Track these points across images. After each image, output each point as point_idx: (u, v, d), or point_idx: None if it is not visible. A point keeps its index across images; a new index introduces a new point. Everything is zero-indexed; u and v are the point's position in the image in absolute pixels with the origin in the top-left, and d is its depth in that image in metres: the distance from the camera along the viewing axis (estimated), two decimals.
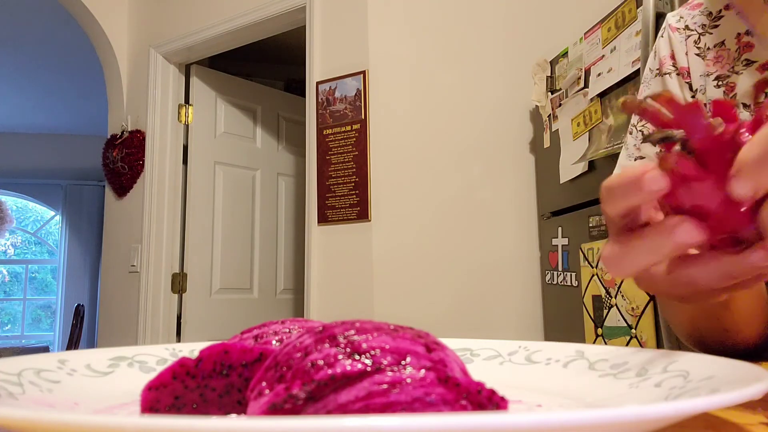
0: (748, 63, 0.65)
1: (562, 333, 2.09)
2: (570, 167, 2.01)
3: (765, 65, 0.64)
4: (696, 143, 0.30)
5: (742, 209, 0.30)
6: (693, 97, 0.69)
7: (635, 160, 0.71)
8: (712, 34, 0.68)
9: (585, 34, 2.00)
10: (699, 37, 0.69)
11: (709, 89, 0.67)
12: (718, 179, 0.30)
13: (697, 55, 0.69)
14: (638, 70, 1.65)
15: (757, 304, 0.56)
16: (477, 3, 2.46)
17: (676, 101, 0.31)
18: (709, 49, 0.68)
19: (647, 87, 0.73)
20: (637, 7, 1.70)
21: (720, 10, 0.68)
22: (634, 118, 0.73)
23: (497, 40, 2.46)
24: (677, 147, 0.31)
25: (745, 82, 0.65)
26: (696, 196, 0.31)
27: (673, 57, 0.71)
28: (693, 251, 0.34)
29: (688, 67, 0.70)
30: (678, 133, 0.31)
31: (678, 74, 0.70)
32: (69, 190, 6.74)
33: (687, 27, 0.71)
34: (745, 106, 0.64)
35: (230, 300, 3.17)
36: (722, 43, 0.67)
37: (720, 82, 0.66)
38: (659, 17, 1.55)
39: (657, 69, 0.72)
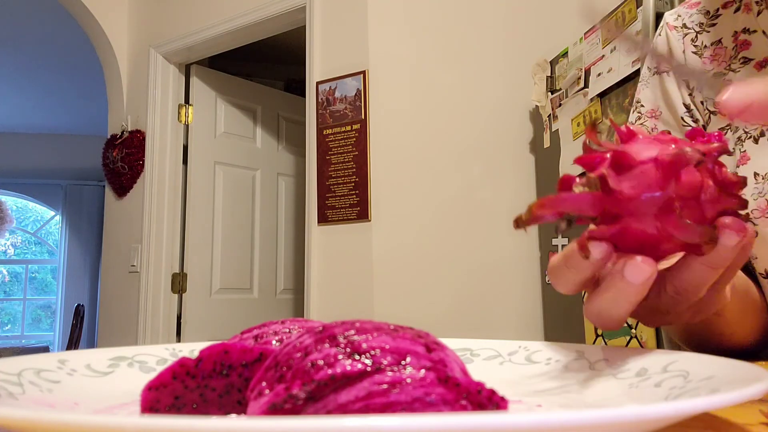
0: (746, 60, 0.65)
1: (562, 333, 2.09)
2: (570, 167, 2.01)
3: (762, 62, 0.64)
4: (594, 212, 0.32)
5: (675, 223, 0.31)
6: (690, 95, 0.69)
7: None
8: (709, 32, 0.68)
9: (585, 34, 2.00)
10: (696, 36, 0.69)
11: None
12: (636, 217, 0.31)
13: (694, 53, 0.69)
14: (638, 70, 1.65)
15: (745, 305, 0.56)
16: (477, 3, 2.46)
17: (548, 201, 0.32)
18: (706, 47, 0.68)
19: (645, 86, 0.73)
20: (637, 7, 1.70)
21: (717, 9, 0.68)
22: (632, 116, 0.73)
23: (497, 40, 2.46)
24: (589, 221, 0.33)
25: (742, 79, 0.65)
26: (632, 244, 0.32)
27: (670, 55, 0.71)
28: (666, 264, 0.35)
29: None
30: (573, 215, 0.32)
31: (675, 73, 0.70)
32: (69, 190, 6.75)
33: (684, 25, 0.71)
34: None
35: (230, 300, 3.17)
36: (719, 41, 0.67)
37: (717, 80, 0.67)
38: (659, 17, 1.55)
39: (655, 68, 0.72)
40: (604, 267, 0.33)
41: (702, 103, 0.68)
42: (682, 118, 0.68)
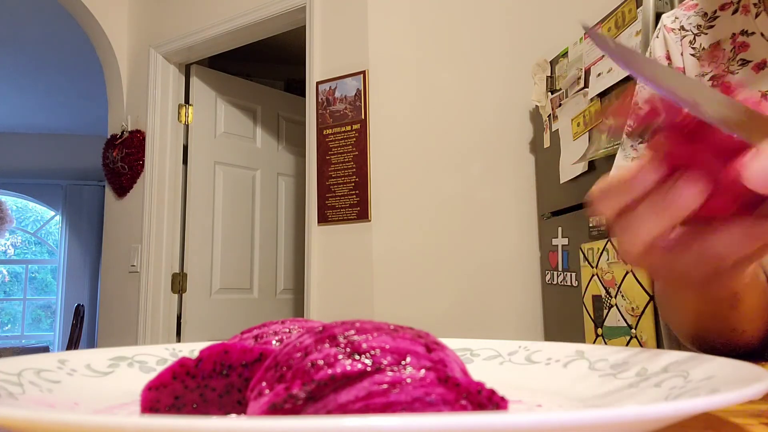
0: (744, 63, 0.65)
1: (562, 333, 2.09)
2: (570, 167, 2.01)
3: (760, 64, 0.64)
4: (679, 120, 0.31)
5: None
6: None
7: (632, 160, 0.71)
8: (707, 34, 0.68)
9: (585, 34, 2.00)
10: (694, 38, 0.69)
11: None
12: (709, 149, 0.31)
13: (693, 55, 0.69)
14: None
15: (764, 301, 0.55)
16: (477, 3, 2.46)
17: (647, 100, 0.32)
18: (704, 49, 0.68)
19: (643, 87, 0.73)
20: (637, 7, 1.70)
21: (715, 11, 0.68)
22: (630, 119, 0.73)
23: (497, 40, 2.46)
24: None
25: (741, 82, 0.64)
26: (695, 167, 0.31)
27: (668, 57, 0.71)
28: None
29: (684, 68, 0.70)
30: (659, 120, 0.32)
31: None
32: (69, 190, 6.74)
33: (682, 27, 0.71)
34: None
35: (230, 300, 3.17)
36: (718, 43, 0.67)
37: (715, 82, 0.66)
38: (659, 17, 1.55)
39: None
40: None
41: None
42: None
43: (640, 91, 0.73)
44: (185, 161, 3.09)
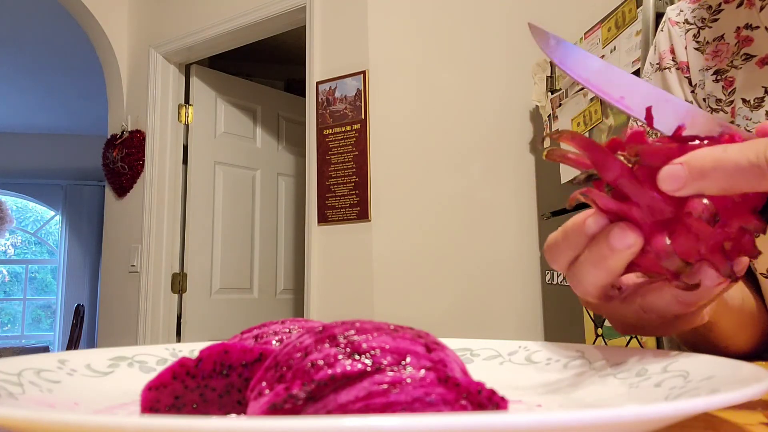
0: (748, 57, 0.64)
1: (562, 333, 2.09)
2: (570, 167, 2.01)
3: (764, 59, 0.63)
4: (612, 180, 0.31)
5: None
6: (693, 92, 0.68)
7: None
8: (711, 27, 0.68)
9: (585, 34, 2.00)
10: (698, 31, 0.69)
11: (708, 83, 0.67)
12: (642, 207, 0.31)
13: (696, 49, 0.68)
14: (638, 70, 1.65)
15: (740, 320, 0.55)
16: (477, 3, 2.46)
17: (584, 141, 0.32)
18: (708, 43, 0.67)
19: (648, 81, 0.72)
20: (637, 7, 1.70)
21: (720, 4, 0.68)
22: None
23: (497, 40, 2.46)
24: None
25: (744, 76, 0.64)
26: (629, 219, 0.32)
27: (672, 51, 0.70)
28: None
29: (688, 62, 0.69)
30: (594, 173, 0.32)
31: (677, 69, 0.69)
32: (69, 190, 6.74)
33: (686, 21, 0.70)
34: (744, 101, 0.63)
35: (230, 300, 3.17)
36: (722, 36, 0.67)
37: (719, 77, 0.66)
38: (659, 17, 1.55)
39: (657, 63, 0.72)
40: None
41: (704, 100, 0.67)
42: None
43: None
44: (185, 161, 3.09)
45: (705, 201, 0.29)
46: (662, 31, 0.72)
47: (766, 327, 0.60)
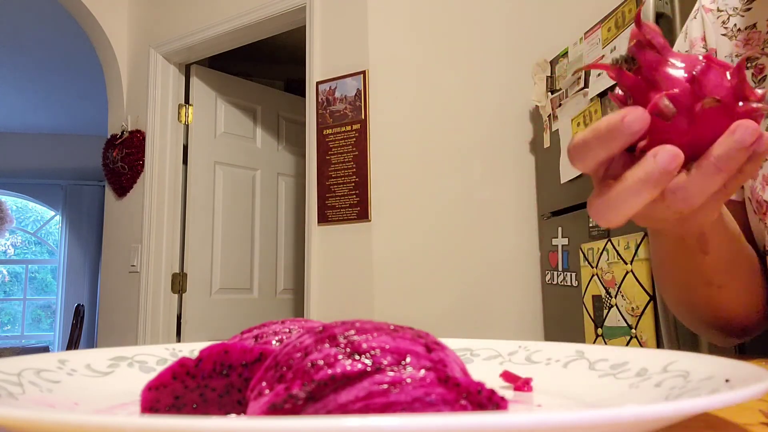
0: None
1: (562, 333, 2.09)
2: (570, 167, 2.01)
3: None
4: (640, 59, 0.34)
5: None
6: None
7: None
8: (743, 16, 0.68)
9: (585, 34, 2.00)
10: (728, 18, 0.69)
11: None
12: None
13: (724, 35, 0.69)
14: None
15: (737, 256, 0.57)
16: (477, 3, 2.46)
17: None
18: (740, 30, 0.68)
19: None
20: (637, 7, 1.70)
21: None
22: None
23: (497, 40, 2.46)
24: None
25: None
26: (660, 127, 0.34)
27: (704, 39, 0.70)
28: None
29: (716, 48, 0.69)
30: (634, 59, 0.35)
31: None
32: (69, 190, 6.74)
33: (718, 8, 0.70)
34: None
35: (230, 300, 3.17)
36: (754, 25, 0.67)
37: (749, 64, 0.66)
38: (659, 17, 1.55)
39: (687, 51, 0.72)
40: (634, 138, 0.34)
41: None
42: None
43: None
44: (185, 161, 3.09)
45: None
46: (695, 18, 0.72)
47: (762, 301, 0.62)
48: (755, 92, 0.33)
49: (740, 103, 0.32)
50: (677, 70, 0.33)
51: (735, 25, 0.68)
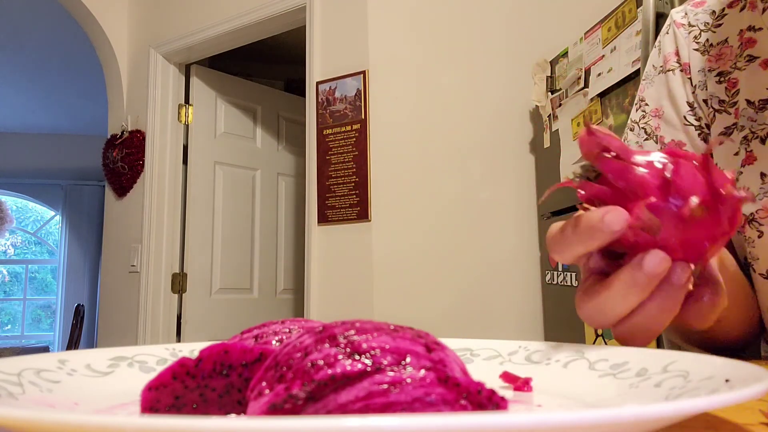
0: (751, 59, 0.64)
1: (562, 333, 2.09)
2: (570, 167, 2.01)
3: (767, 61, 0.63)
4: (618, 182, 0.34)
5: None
6: (694, 93, 0.69)
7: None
8: (715, 32, 0.68)
9: (585, 34, 2.00)
10: (700, 33, 0.69)
11: (711, 85, 0.67)
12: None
13: (696, 50, 0.69)
14: (638, 70, 1.65)
15: (734, 289, 0.56)
16: (477, 3, 2.46)
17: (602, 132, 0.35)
18: (712, 46, 0.68)
19: (650, 84, 0.72)
20: (637, 7, 1.70)
21: (723, 9, 0.68)
22: (635, 114, 0.72)
23: (497, 40, 2.46)
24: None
25: (747, 78, 0.64)
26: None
27: (677, 53, 0.70)
28: None
29: (689, 63, 0.69)
30: (597, 171, 0.35)
31: (681, 71, 0.70)
32: (69, 190, 6.74)
33: (690, 23, 0.71)
34: (749, 102, 0.63)
35: (230, 300, 3.17)
36: (725, 40, 0.67)
37: (722, 78, 0.66)
38: (659, 17, 1.55)
39: (661, 66, 0.72)
40: (614, 237, 0.34)
41: (705, 101, 0.67)
42: (685, 117, 0.68)
43: (646, 88, 0.73)
44: (185, 161, 3.09)
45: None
46: (667, 33, 0.72)
47: (756, 318, 0.62)
48: (725, 176, 0.32)
49: (722, 191, 0.32)
50: (646, 174, 0.33)
51: (707, 40, 0.68)
